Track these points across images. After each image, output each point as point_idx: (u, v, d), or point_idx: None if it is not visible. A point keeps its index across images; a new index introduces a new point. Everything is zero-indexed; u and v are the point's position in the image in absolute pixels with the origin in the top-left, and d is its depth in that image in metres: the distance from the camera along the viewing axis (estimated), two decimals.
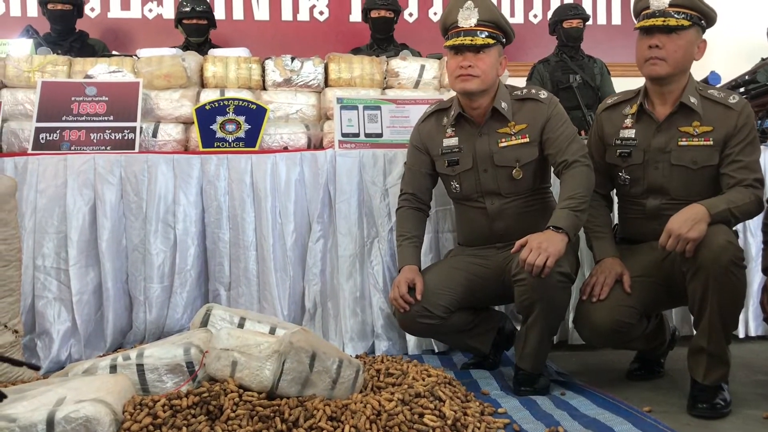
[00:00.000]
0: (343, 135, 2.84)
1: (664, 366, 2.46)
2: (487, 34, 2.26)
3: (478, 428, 1.83)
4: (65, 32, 4.27)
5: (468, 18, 2.26)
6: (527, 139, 2.33)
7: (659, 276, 2.19)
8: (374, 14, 4.40)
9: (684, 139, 2.19)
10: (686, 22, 2.13)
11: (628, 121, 2.28)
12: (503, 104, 2.33)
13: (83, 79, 3.00)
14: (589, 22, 4.67)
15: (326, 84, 3.23)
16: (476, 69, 2.26)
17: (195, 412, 1.74)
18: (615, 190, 2.42)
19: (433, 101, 2.89)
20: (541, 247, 2.04)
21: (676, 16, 2.13)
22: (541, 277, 2.04)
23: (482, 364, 2.50)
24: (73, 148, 2.77)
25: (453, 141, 2.40)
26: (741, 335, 2.85)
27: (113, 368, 1.92)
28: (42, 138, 2.78)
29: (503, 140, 2.34)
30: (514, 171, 2.33)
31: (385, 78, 3.26)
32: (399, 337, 2.75)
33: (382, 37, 4.45)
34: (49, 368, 2.53)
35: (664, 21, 2.13)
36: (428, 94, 3.14)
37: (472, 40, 2.25)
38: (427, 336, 2.62)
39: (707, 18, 2.17)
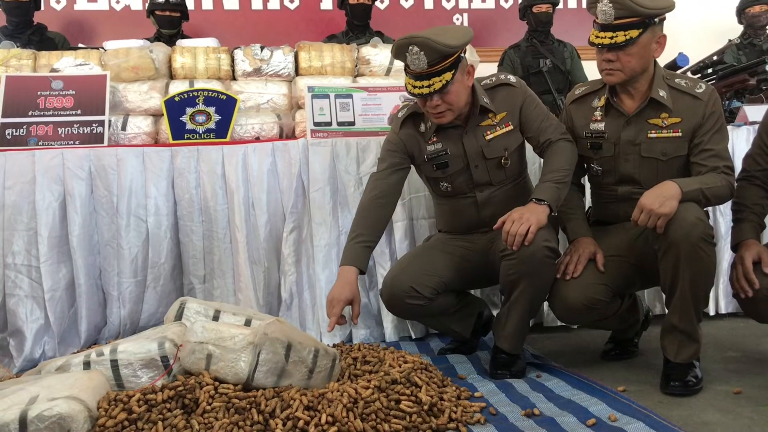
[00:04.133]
0: (315, 124, 2.83)
1: (638, 346, 2.49)
2: (441, 69, 2.16)
3: (455, 412, 1.84)
4: (22, 25, 4.15)
5: (418, 63, 2.15)
6: (511, 127, 2.33)
7: (632, 255, 2.22)
8: (353, 1, 4.35)
9: (653, 132, 2.21)
10: (635, 33, 2.10)
11: (598, 114, 2.30)
12: (485, 99, 2.32)
13: (49, 73, 2.95)
14: (559, 6, 4.68)
15: (297, 73, 3.21)
16: (444, 105, 2.21)
17: (170, 406, 1.73)
18: (587, 177, 2.44)
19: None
20: (523, 218, 2.07)
21: (624, 29, 2.11)
22: (525, 245, 2.05)
23: (459, 348, 2.52)
24: (40, 143, 2.74)
25: (438, 146, 2.36)
26: (711, 313, 2.90)
27: (87, 365, 1.91)
28: (8, 134, 2.74)
29: (489, 132, 2.33)
30: (502, 159, 2.34)
31: (357, 66, 3.25)
32: (376, 324, 2.76)
33: (360, 24, 4.42)
34: (22, 366, 2.51)
35: (612, 39, 2.12)
36: (400, 81, 3.12)
37: (429, 87, 2.16)
38: (412, 317, 2.59)
39: (659, 14, 2.14)
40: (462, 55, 2.22)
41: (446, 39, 2.15)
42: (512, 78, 2.36)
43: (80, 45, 4.07)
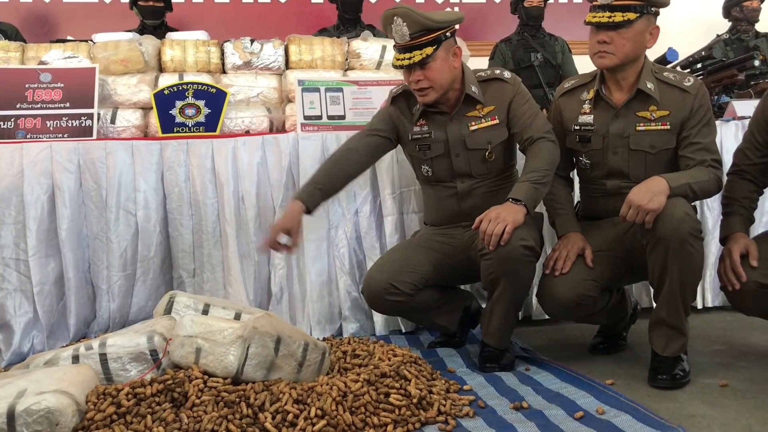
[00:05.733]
0: (306, 118, 2.82)
1: (627, 339, 2.50)
2: (423, 43, 2.22)
3: (444, 406, 1.85)
4: None
5: (401, 34, 2.22)
6: (496, 121, 2.34)
7: (620, 250, 2.23)
8: None
9: (641, 124, 2.22)
10: (633, 15, 2.12)
11: (586, 107, 2.30)
12: (473, 88, 2.33)
13: (37, 65, 2.93)
14: (551, 1, 4.68)
15: (287, 66, 3.20)
16: (426, 81, 2.25)
17: (159, 399, 1.73)
18: (576, 171, 2.45)
19: (396, 82, 2.88)
20: (499, 218, 2.07)
21: (622, 10, 2.12)
22: (501, 244, 2.06)
23: (449, 342, 2.52)
24: (28, 136, 2.71)
25: (423, 128, 2.39)
26: (699, 306, 2.91)
27: (75, 358, 1.90)
28: None
29: (473, 123, 2.34)
30: (486, 153, 2.34)
31: (347, 59, 3.24)
32: (366, 318, 2.76)
33: (350, 18, 4.40)
34: (11, 360, 2.49)
35: (610, 17, 2.13)
36: (390, 75, 3.12)
37: (410, 59, 2.22)
38: (394, 314, 2.62)
39: (657, 4, 2.17)
40: (447, 34, 2.25)
41: (429, 13, 2.23)
42: (507, 74, 2.37)
43: (69, 37, 4.03)
